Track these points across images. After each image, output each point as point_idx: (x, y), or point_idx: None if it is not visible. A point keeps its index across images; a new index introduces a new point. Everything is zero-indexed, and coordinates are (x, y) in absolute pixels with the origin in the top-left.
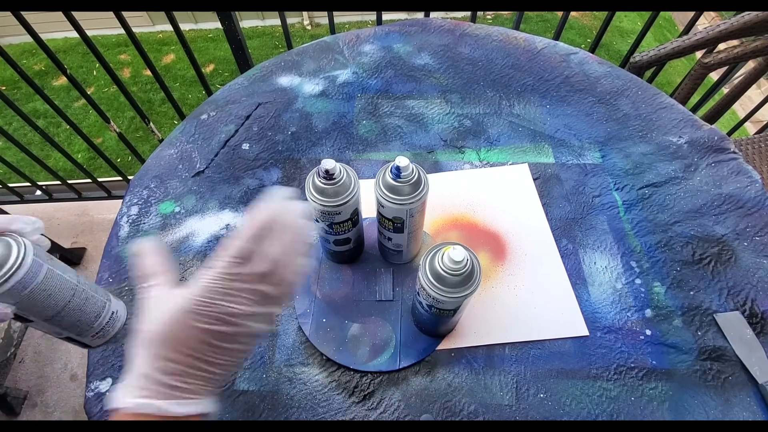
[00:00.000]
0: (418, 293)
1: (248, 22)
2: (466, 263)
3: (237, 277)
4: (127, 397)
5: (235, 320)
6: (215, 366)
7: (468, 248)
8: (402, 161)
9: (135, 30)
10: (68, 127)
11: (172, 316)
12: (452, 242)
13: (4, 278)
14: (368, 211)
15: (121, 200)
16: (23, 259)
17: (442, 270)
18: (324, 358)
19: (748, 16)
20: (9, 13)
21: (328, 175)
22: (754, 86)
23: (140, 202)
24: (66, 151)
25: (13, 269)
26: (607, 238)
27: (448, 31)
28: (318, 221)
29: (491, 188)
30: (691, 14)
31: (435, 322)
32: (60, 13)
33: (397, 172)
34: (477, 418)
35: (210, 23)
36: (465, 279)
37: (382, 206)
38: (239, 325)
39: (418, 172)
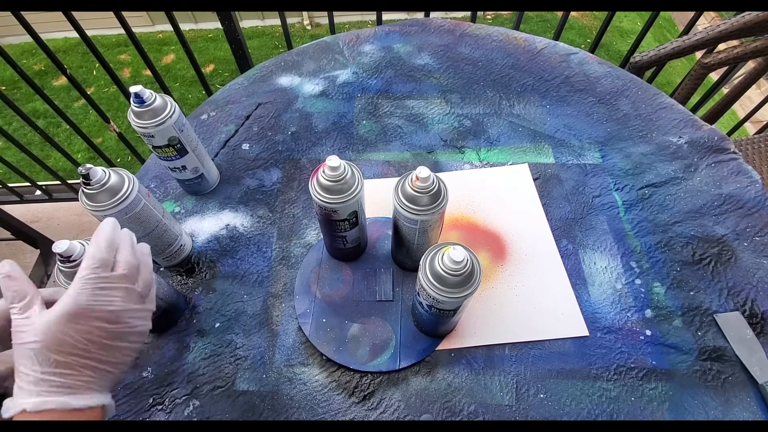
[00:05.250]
0: (418, 293)
1: (248, 22)
2: (466, 263)
3: (105, 280)
4: (26, 399)
5: (116, 317)
6: (106, 364)
7: (468, 248)
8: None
9: (135, 30)
10: (68, 127)
11: (55, 322)
12: (452, 242)
13: (118, 202)
14: (370, 211)
15: None
16: (131, 191)
17: (442, 270)
18: (324, 358)
19: (748, 16)
20: (9, 13)
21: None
22: (753, 86)
23: None
24: (66, 151)
25: (124, 197)
26: (607, 239)
27: (448, 31)
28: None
29: (491, 188)
30: (691, 14)
31: (435, 323)
32: (60, 13)
33: (138, 98)
34: (477, 419)
35: (210, 23)
36: (465, 279)
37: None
38: (120, 323)
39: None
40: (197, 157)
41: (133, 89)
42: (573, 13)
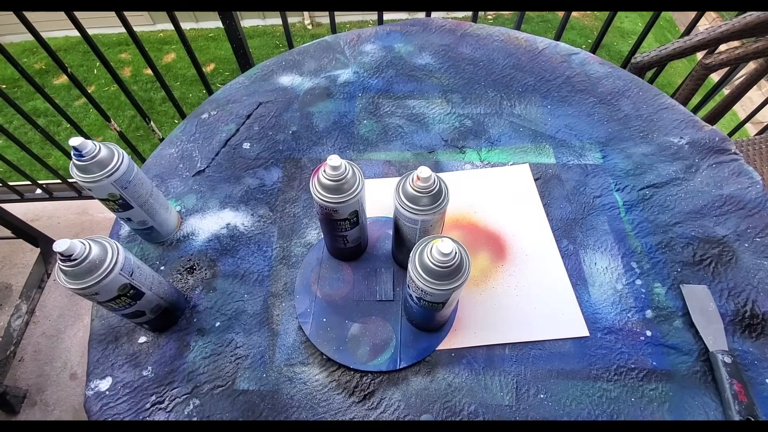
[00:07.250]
0: (408, 286)
1: (249, 21)
2: (454, 256)
3: None
4: None
5: None
6: None
7: (457, 241)
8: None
9: (136, 29)
10: (69, 125)
11: None
12: (441, 235)
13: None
14: (370, 210)
15: None
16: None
17: (431, 262)
18: (324, 357)
19: (750, 16)
20: (10, 12)
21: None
22: (754, 87)
23: None
24: (66, 149)
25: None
26: (608, 239)
27: (449, 31)
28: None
29: (492, 188)
30: (692, 15)
31: (425, 315)
32: (61, 12)
33: (78, 152)
34: (477, 418)
35: (211, 22)
36: (453, 271)
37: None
38: None
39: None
40: (146, 212)
41: (72, 142)
42: (574, 14)
